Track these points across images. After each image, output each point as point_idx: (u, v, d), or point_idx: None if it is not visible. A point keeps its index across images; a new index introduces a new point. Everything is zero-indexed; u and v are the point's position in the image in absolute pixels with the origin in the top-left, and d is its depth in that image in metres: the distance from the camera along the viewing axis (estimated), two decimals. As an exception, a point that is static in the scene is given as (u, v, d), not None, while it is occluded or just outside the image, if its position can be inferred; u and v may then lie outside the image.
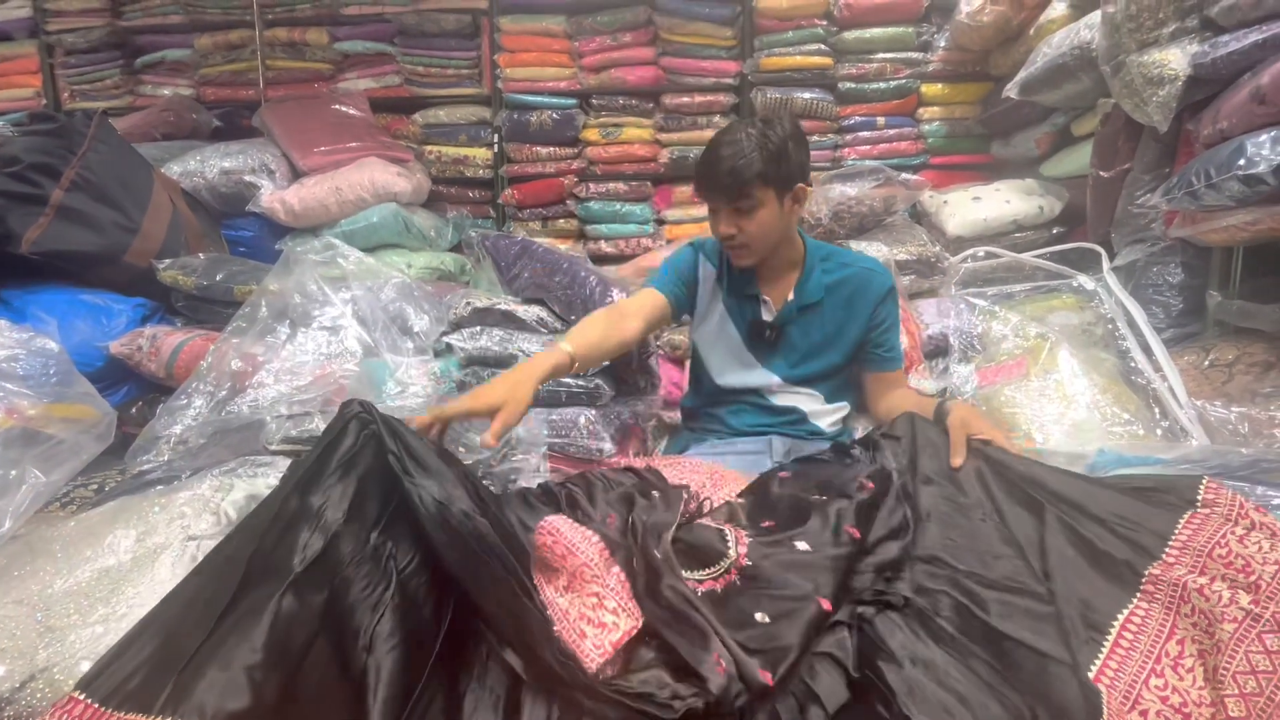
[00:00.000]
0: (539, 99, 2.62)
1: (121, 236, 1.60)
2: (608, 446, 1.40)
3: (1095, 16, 1.57)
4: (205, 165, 2.16)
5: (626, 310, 1.18)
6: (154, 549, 0.76)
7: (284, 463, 0.99)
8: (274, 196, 2.16)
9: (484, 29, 2.66)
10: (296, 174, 2.32)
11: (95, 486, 1.03)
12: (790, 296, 1.20)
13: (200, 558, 0.76)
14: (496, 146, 2.68)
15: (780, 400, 1.24)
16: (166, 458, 1.11)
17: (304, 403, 1.17)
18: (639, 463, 1.07)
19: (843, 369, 1.25)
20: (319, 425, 1.09)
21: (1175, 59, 1.34)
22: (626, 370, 1.63)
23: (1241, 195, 1.14)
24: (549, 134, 2.63)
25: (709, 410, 1.31)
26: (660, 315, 1.22)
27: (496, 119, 2.66)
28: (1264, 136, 1.10)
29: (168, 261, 1.64)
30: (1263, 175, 1.09)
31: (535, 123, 2.61)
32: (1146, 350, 1.30)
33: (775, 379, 1.22)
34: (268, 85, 2.68)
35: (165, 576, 0.74)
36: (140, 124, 2.49)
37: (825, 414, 1.24)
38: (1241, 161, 1.12)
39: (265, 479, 0.94)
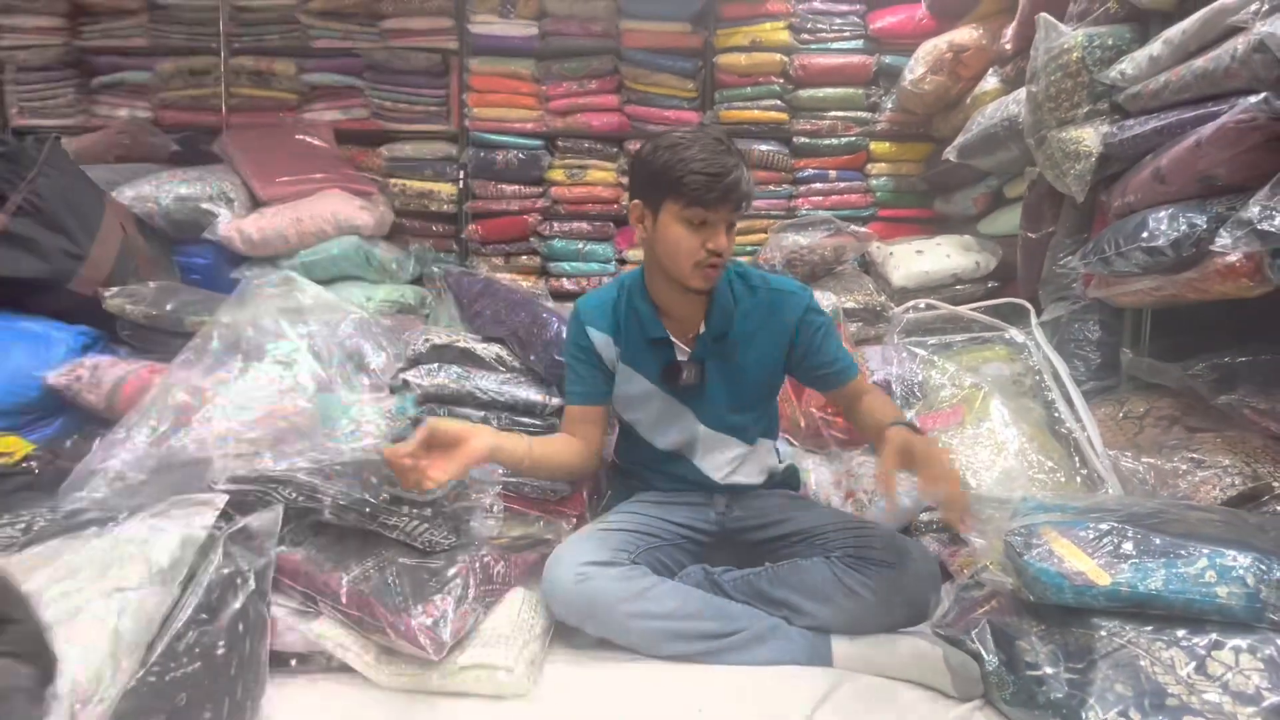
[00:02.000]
0: (505, 139, 2.68)
1: (69, 264, 1.56)
2: (562, 486, 1.41)
3: (1023, 92, 1.72)
4: (160, 190, 2.12)
5: (579, 442, 1.20)
6: (76, 604, 0.74)
7: (221, 501, 0.97)
8: (231, 225, 2.13)
9: (454, 68, 2.71)
10: (256, 203, 2.30)
11: (23, 526, 0.98)
12: (702, 329, 1.13)
13: (127, 612, 0.74)
14: (462, 182, 2.71)
15: (702, 460, 1.18)
16: (102, 494, 1.07)
17: (253, 440, 1.15)
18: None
19: (770, 398, 1.21)
20: (269, 463, 1.08)
21: (1089, 137, 1.47)
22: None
23: (1145, 264, 1.26)
24: (514, 173, 2.68)
25: (647, 469, 1.26)
26: (606, 417, 1.21)
27: (463, 156, 2.70)
28: (1163, 213, 1.23)
29: (114, 290, 1.60)
30: (1162, 248, 1.20)
31: (501, 161, 2.66)
32: (1068, 402, 1.40)
33: (701, 428, 1.16)
34: (230, 112, 2.66)
35: (88, 633, 0.72)
36: (93, 145, 2.43)
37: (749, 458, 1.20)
38: (1145, 234, 1.23)
39: (202, 520, 0.92)
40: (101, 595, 0.79)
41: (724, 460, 1.20)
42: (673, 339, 1.15)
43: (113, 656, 0.73)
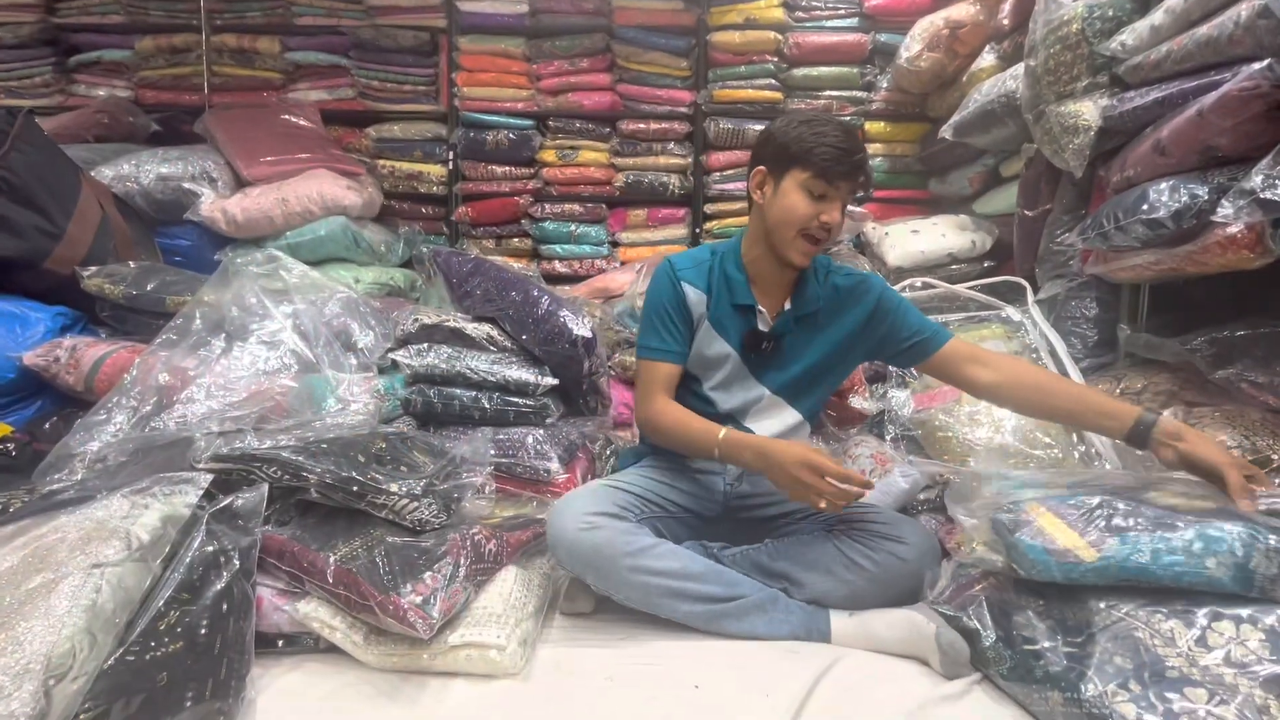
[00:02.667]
0: (496, 119, 2.63)
1: (43, 241, 1.51)
2: (554, 466, 1.39)
3: (1020, 68, 1.69)
4: (141, 170, 2.07)
5: (670, 398, 1.16)
6: (51, 579, 0.71)
7: (204, 480, 0.94)
8: (215, 205, 2.08)
9: (442, 47, 2.66)
10: (240, 183, 2.25)
11: (-2, 507, 0.96)
12: (787, 305, 1.16)
13: (105, 588, 0.72)
14: (452, 163, 2.67)
15: (753, 423, 1.18)
16: (79, 476, 1.04)
17: (237, 419, 1.12)
18: None
19: (834, 383, 1.24)
20: (252, 443, 1.05)
21: (1088, 111, 1.45)
22: (576, 390, 1.63)
23: (1145, 238, 1.24)
24: (505, 153, 2.64)
25: None
26: (679, 378, 1.18)
27: (452, 136, 2.65)
28: (1164, 185, 1.21)
29: (93, 269, 1.56)
30: (1163, 220, 1.19)
31: (492, 142, 2.61)
32: (1066, 379, 1.38)
33: (766, 392, 1.17)
34: (213, 91, 2.60)
35: (64, 608, 0.69)
36: (71, 124, 2.37)
37: (790, 434, 1.19)
38: (1145, 207, 1.22)
39: (184, 497, 0.90)
40: (80, 570, 0.76)
41: (773, 427, 1.18)
42: (759, 308, 1.17)
43: (89, 632, 0.71)
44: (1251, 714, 0.68)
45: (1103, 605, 0.83)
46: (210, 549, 0.89)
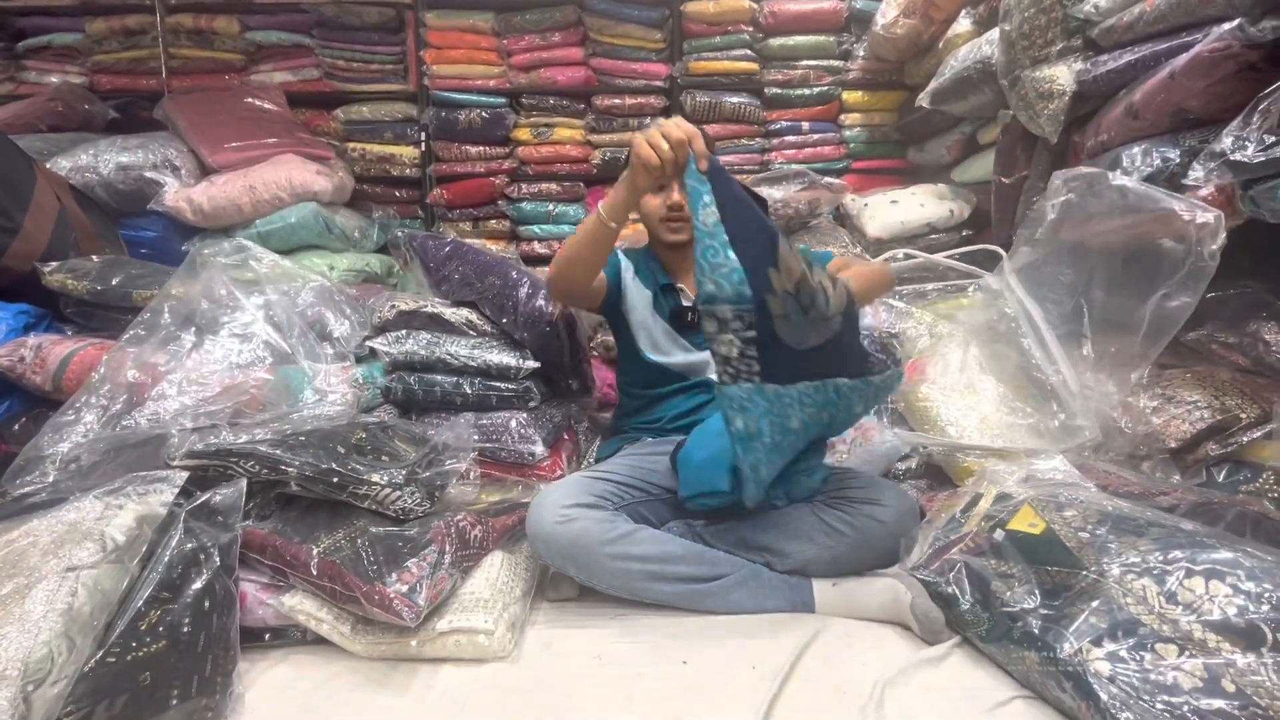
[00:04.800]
0: (468, 97, 2.57)
1: (-1, 238, 1.46)
2: (539, 450, 1.39)
3: (995, 33, 1.67)
4: (99, 160, 1.99)
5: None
6: (24, 584, 0.70)
7: (180, 478, 0.93)
8: (179, 194, 2.02)
9: (409, 23, 2.58)
10: (205, 171, 2.18)
11: (-32, 512, 0.93)
12: None
13: (81, 590, 0.71)
14: (424, 145, 2.61)
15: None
16: (51, 478, 1.02)
17: (211, 414, 1.10)
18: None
19: None
20: (228, 438, 1.03)
21: (1063, 75, 1.45)
22: (559, 372, 1.62)
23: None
24: (479, 133, 2.58)
25: (642, 395, 1.34)
26: (602, 286, 1.31)
27: (424, 116, 2.59)
28: (1136, 149, 1.21)
29: (54, 265, 1.51)
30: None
31: (464, 121, 2.56)
32: (1044, 346, 1.40)
33: (708, 354, 1.26)
34: (171, 75, 2.51)
35: (39, 613, 0.68)
36: (23, 114, 2.27)
37: None
38: (1119, 171, 1.22)
39: (160, 496, 0.88)
40: (54, 574, 0.75)
41: None
42: (679, 285, 1.32)
43: (66, 636, 0.70)
44: (1219, 667, 0.70)
45: (1076, 568, 0.85)
46: (189, 547, 0.88)
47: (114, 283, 1.49)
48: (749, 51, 2.55)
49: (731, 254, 0.90)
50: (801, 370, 0.96)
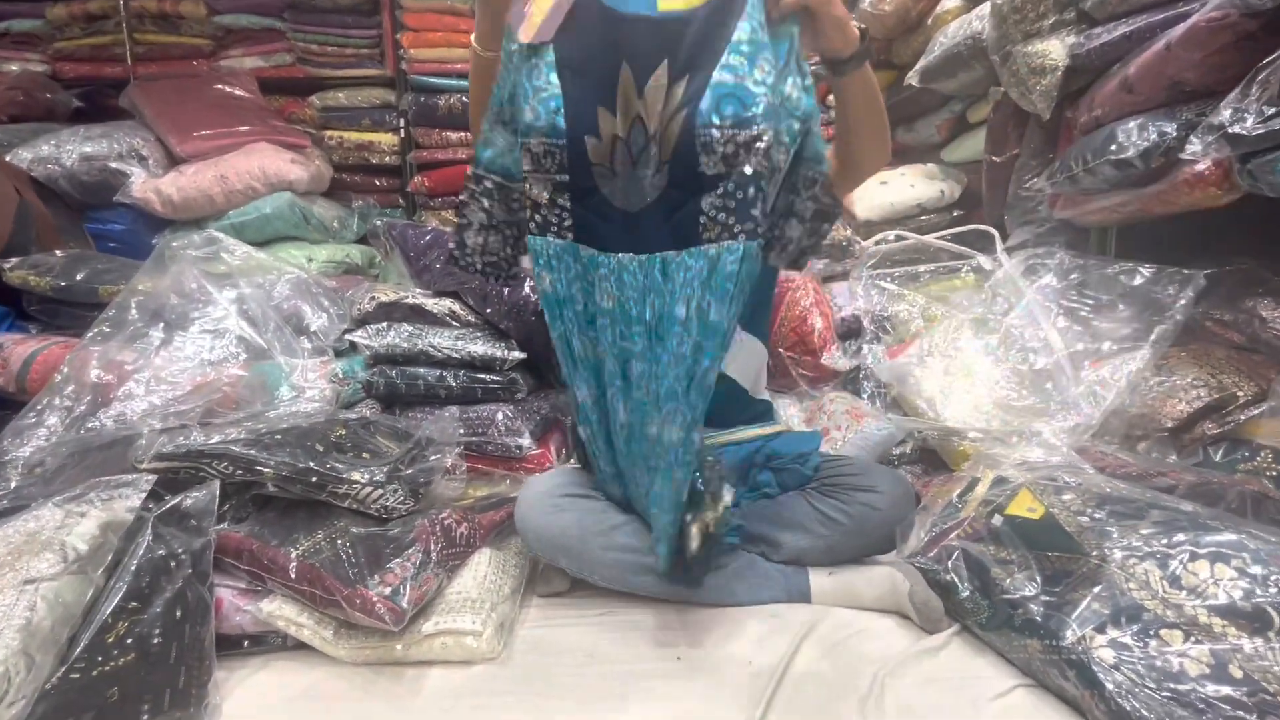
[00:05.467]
0: (448, 81, 2.50)
1: (-46, 233, 1.40)
2: (526, 442, 1.36)
3: (986, 7, 1.63)
4: (62, 151, 1.92)
5: None
6: (-22, 597, 0.66)
7: (147, 482, 0.89)
8: (147, 185, 1.95)
9: (384, 5, 2.50)
10: (174, 161, 2.11)
11: (-76, 522, 0.89)
12: None
13: (41, 604, 0.67)
14: (403, 131, 2.54)
15: None
16: (15, 484, 0.98)
17: (181, 414, 1.06)
18: None
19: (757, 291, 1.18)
20: (198, 438, 0.99)
21: (1055, 50, 1.41)
22: (545, 362, 1.58)
23: (1114, 179, 1.22)
24: (460, 118, 2.51)
25: None
26: None
27: (402, 102, 2.51)
28: (1132, 124, 1.18)
29: (16, 260, 1.45)
30: (1131, 159, 1.16)
31: (444, 106, 2.49)
32: (1038, 327, 1.38)
33: None
34: (136, 62, 2.42)
35: (-6, 627, 0.64)
36: (-19, 104, 2.18)
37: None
38: (1113, 147, 1.19)
39: (125, 502, 0.84)
40: (11, 588, 0.71)
41: None
42: None
43: (25, 653, 0.66)
44: (1226, 653, 0.68)
45: (1080, 554, 0.83)
46: (159, 553, 0.84)
47: (78, 278, 1.43)
48: (734, 31, 2.50)
49: (554, 76, 0.78)
50: (631, 238, 0.81)
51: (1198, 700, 0.66)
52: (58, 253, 1.53)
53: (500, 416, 1.37)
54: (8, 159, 1.82)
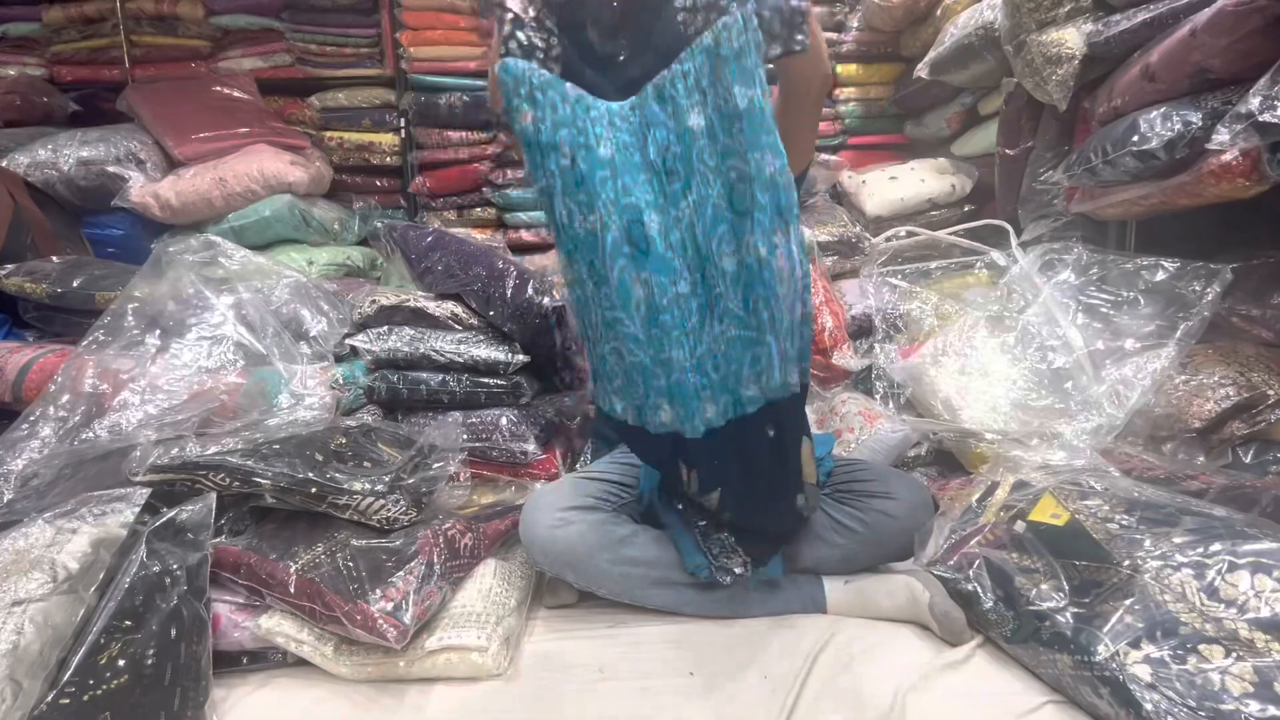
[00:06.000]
0: (448, 80, 2.46)
1: (-52, 241, 1.38)
2: (532, 448, 1.33)
3: (998, -4, 1.59)
4: (59, 155, 1.89)
5: None
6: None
7: (141, 496, 0.86)
8: (145, 189, 1.92)
9: (383, 4, 2.47)
10: (172, 164, 2.08)
11: (-85, 538, 0.86)
12: None
13: (29, 627, 0.64)
14: (404, 131, 2.51)
15: None
16: (8, 498, 0.95)
17: (177, 424, 1.03)
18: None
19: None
20: (194, 449, 0.96)
21: (1072, 38, 1.37)
22: (550, 365, 1.55)
23: (1135, 170, 1.18)
24: (461, 117, 2.47)
25: None
26: None
27: (403, 102, 2.48)
28: (1154, 113, 1.14)
29: (11, 267, 1.42)
30: (1154, 150, 1.12)
31: (445, 106, 2.45)
32: (1057, 325, 1.34)
33: None
34: (134, 64, 2.39)
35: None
36: (-21, 109, 2.16)
37: None
38: (1135, 138, 1.15)
39: (118, 517, 0.81)
40: (2, 607, 0.68)
41: None
42: None
43: (11, 680, 0.63)
44: (1270, 670, 0.65)
45: (1107, 563, 0.80)
46: (153, 570, 0.81)
47: (75, 284, 1.41)
48: (738, 25, 2.46)
49: None
50: (617, 95, 0.74)
51: (1242, 720, 0.63)
52: (54, 259, 1.51)
53: (505, 421, 1.34)
54: (4, 164, 1.80)
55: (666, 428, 0.82)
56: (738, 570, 0.92)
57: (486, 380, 1.38)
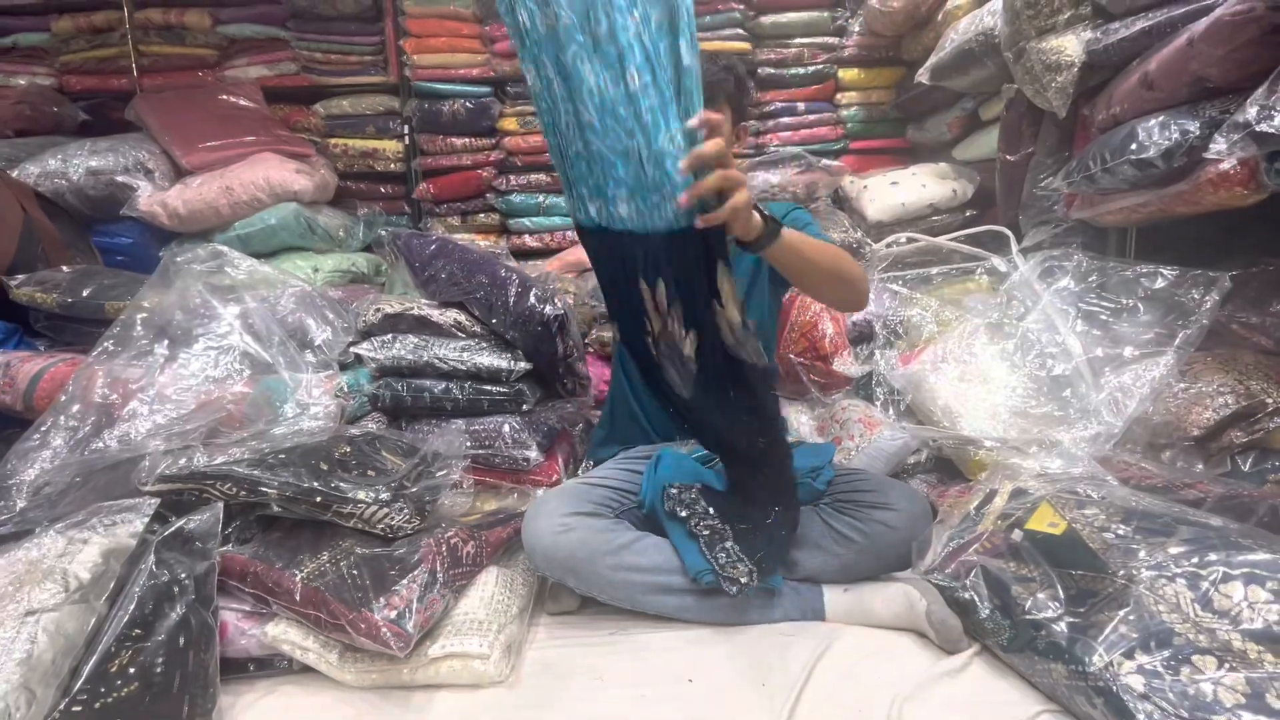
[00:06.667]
0: (451, 87, 2.48)
1: (-39, 251, 1.40)
2: (534, 454, 1.34)
3: (998, 3, 1.60)
4: (69, 165, 1.92)
5: None
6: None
7: (150, 505, 0.88)
8: (153, 198, 1.95)
9: (387, 11, 2.49)
10: (180, 173, 2.11)
11: (-70, 547, 0.88)
12: None
13: (42, 636, 0.66)
14: (408, 138, 2.53)
15: None
16: (20, 507, 0.97)
17: (185, 434, 1.05)
18: None
19: (770, 323, 1.19)
20: (201, 459, 0.98)
21: (1071, 45, 1.38)
22: (552, 372, 1.57)
23: (1134, 178, 1.19)
24: (463, 124, 2.50)
25: (632, 404, 1.25)
26: None
27: (406, 109, 2.50)
28: (1153, 122, 1.15)
29: (22, 277, 1.45)
30: (1152, 159, 1.13)
31: (448, 112, 2.47)
32: (1057, 332, 1.35)
33: None
34: (142, 74, 2.42)
35: (-8, 664, 0.63)
36: (-10, 118, 2.19)
37: None
38: (1133, 146, 1.16)
39: (128, 527, 0.83)
40: (12, 620, 0.70)
41: None
42: None
43: (25, 688, 0.65)
44: (1263, 681, 0.65)
45: (1103, 573, 0.80)
46: (162, 579, 0.83)
47: (85, 294, 1.43)
48: (740, 30, 2.47)
49: None
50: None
51: (1234, 731, 0.64)
52: (64, 269, 1.53)
53: (507, 429, 1.36)
54: (15, 175, 1.82)
55: (626, 224, 0.83)
56: (743, 580, 0.93)
57: (489, 388, 1.39)
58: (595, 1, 0.74)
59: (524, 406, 1.41)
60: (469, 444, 1.33)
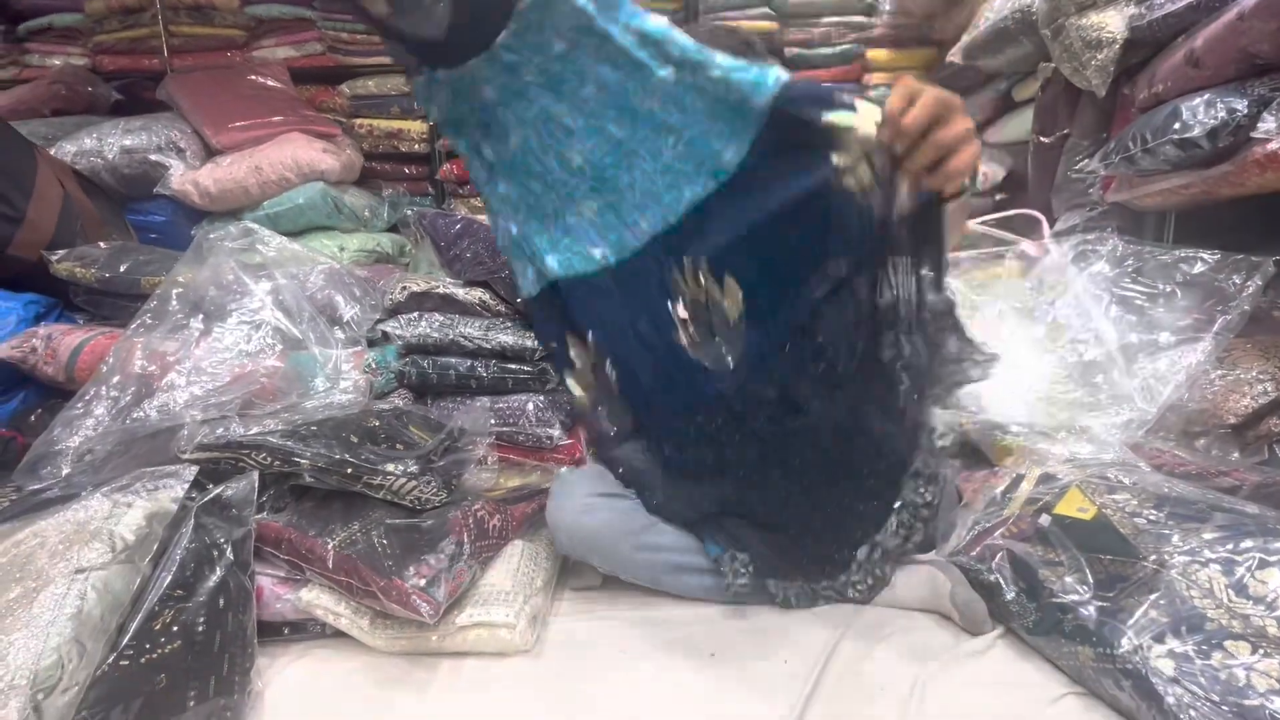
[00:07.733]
0: (475, 67, 2.48)
1: (4, 227, 1.44)
2: (557, 432, 1.35)
3: (1036, -22, 1.55)
4: (104, 144, 1.96)
5: None
6: (32, 588, 0.68)
7: (190, 472, 0.90)
8: (185, 177, 1.98)
9: (412, -9, 2.49)
10: (210, 152, 2.14)
11: (-17, 508, 0.92)
12: None
13: (91, 593, 0.68)
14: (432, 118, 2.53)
15: None
16: (66, 472, 1.01)
17: (221, 405, 1.08)
18: None
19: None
20: (237, 429, 1.01)
21: (1113, 21, 1.34)
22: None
23: (1176, 159, 1.16)
24: (487, 105, 2.49)
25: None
26: None
27: (430, 89, 2.51)
28: (1198, 100, 1.11)
29: (62, 252, 1.48)
30: (1197, 139, 1.10)
31: (472, 93, 2.47)
32: (1089, 318, 1.32)
33: None
34: (173, 54, 2.46)
35: (47, 618, 0.66)
36: (27, 98, 2.24)
37: None
38: (1177, 125, 1.12)
39: (169, 492, 0.86)
40: (63, 577, 0.73)
41: None
42: None
43: (77, 641, 0.68)
44: (1298, 667, 0.64)
45: (1132, 557, 0.79)
46: (202, 543, 0.85)
47: (122, 269, 1.46)
48: (767, 10, 2.43)
49: None
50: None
51: (1266, 716, 0.63)
52: (101, 245, 1.56)
53: (531, 407, 1.37)
54: (52, 152, 1.87)
55: (655, 226, 0.82)
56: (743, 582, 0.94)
57: (513, 366, 1.41)
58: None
59: (547, 385, 1.42)
60: (493, 421, 1.35)
